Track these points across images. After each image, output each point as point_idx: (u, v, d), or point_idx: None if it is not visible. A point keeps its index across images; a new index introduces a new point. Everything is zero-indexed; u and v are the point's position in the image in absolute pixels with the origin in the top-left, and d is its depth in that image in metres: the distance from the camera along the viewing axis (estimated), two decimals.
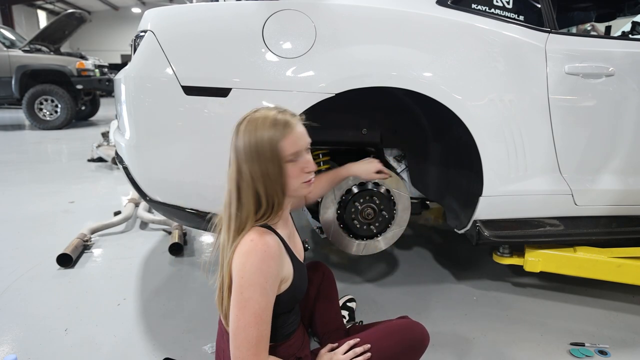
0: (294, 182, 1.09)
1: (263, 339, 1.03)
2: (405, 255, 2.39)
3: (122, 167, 1.78)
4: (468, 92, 1.54)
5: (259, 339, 1.02)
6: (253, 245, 1.03)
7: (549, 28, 1.65)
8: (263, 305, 1.02)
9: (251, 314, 1.01)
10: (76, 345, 1.56)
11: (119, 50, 22.90)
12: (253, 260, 1.02)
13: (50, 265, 2.19)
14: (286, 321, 1.20)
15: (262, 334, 1.03)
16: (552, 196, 1.70)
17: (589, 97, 1.65)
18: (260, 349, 1.02)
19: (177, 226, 2.54)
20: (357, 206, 1.71)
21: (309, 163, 1.11)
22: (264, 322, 1.03)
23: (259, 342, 1.02)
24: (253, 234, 1.05)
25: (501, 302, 1.90)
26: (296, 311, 1.28)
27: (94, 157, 4.77)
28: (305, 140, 1.11)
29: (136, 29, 1.65)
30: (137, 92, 1.52)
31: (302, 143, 1.09)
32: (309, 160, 1.11)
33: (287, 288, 1.13)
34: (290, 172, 1.08)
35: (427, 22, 1.55)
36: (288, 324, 1.21)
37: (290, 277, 1.13)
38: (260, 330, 1.02)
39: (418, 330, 1.24)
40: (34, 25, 20.18)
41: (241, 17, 1.50)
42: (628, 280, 1.73)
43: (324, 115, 1.66)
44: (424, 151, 1.87)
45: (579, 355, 1.53)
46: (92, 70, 7.45)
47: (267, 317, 1.04)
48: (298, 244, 1.30)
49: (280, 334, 1.19)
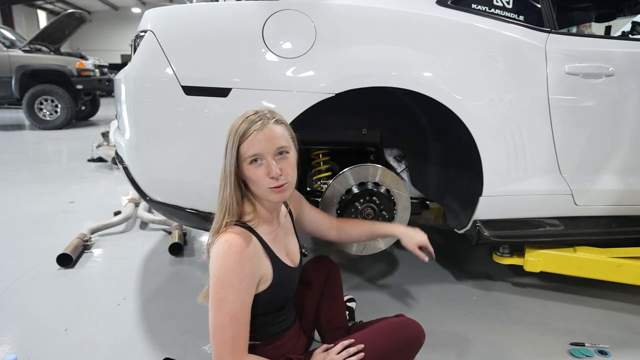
0: (259, 186, 1.09)
1: (240, 339, 1.03)
2: (405, 255, 2.39)
3: (122, 167, 1.78)
4: (468, 92, 1.54)
5: (235, 338, 1.02)
6: (227, 247, 1.04)
7: (549, 28, 1.65)
8: (237, 306, 1.03)
9: (226, 314, 1.01)
10: (76, 345, 1.56)
11: (119, 50, 22.91)
12: (227, 261, 1.03)
13: (50, 265, 2.18)
14: (274, 320, 1.21)
15: (238, 334, 1.03)
16: (552, 196, 1.70)
17: (589, 97, 1.65)
18: (237, 348, 1.02)
19: (177, 226, 2.54)
20: (357, 206, 1.71)
21: (272, 168, 1.07)
22: (240, 322, 1.03)
23: (235, 342, 1.02)
24: (228, 235, 1.06)
25: (501, 302, 1.90)
26: (287, 311, 1.28)
27: (94, 157, 4.77)
28: (274, 143, 1.08)
29: (136, 29, 1.65)
30: (137, 92, 1.52)
31: (265, 146, 1.07)
32: (272, 165, 1.08)
33: (266, 288, 1.13)
34: (251, 174, 1.08)
35: (427, 22, 1.55)
36: (277, 324, 1.21)
37: (270, 278, 1.13)
38: (235, 330, 1.02)
39: (414, 327, 1.25)
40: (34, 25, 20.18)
41: (241, 17, 1.50)
42: (628, 280, 1.73)
43: (324, 116, 1.67)
44: (424, 151, 1.87)
45: (579, 355, 1.53)
46: (92, 70, 7.45)
47: (242, 317, 1.04)
48: (292, 247, 1.29)
49: (267, 333, 1.20)
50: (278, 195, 1.11)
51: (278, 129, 1.10)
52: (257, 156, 1.07)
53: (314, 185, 1.98)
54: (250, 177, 1.09)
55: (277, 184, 1.09)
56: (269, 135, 1.08)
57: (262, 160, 1.08)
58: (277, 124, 1.11)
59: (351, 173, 1.70)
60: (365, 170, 1.70)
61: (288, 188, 1.12)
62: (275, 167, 1.08)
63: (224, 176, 1.11)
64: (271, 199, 1.12)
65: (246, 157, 1.07)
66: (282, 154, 1.11)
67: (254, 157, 1.07)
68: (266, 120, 1.09)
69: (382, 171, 1.71)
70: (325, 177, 1.94)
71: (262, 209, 1.17)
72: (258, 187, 1.10)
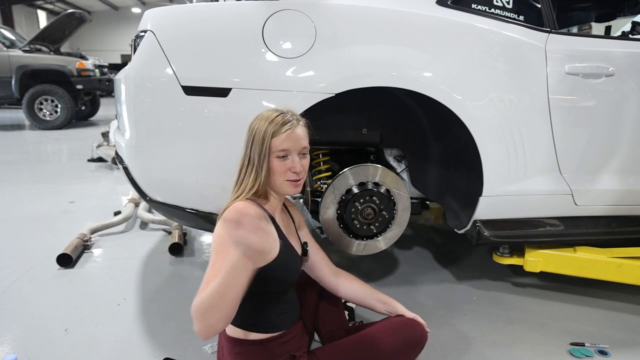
0: (278, 177, 1.19)
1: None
2: (405, 255, 2.39)
3: (122, 167, 1.78)
4: (468, 92, 1.54)
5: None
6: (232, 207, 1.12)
7: (549, 28, 1.65)
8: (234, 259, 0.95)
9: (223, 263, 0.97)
10: (76, 345, 1.56)
11: (119, 50, 22.91)
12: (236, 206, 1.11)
13: (50, 265, 2.19)
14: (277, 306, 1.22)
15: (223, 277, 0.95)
16: (552, 196, 1.70)
17: (589, 97, 1.65)
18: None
19: (177, 226, 2.54)
20: (357, 206, 1.71)
21: (296, 164, 1.19)
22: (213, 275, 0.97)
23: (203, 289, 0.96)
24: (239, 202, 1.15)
25: (501, 302, 1.90)
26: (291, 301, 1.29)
27: (94, 157, 4.77)
28: (300, 144, 1.20)
29: (136, 29, 1.65)
30: (137, 92, 1.52)
31: (294, 144, 1.18)
32: (297, 162, 1.19)
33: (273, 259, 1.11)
34: (275, 166, 1.18)
35: (427, 22, 1.55)
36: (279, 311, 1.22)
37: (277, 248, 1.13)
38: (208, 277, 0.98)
39: (418, 328, 1.26)
40: (34, 25, 20.19)
41: (241, 17, 1.50)
42: (628, 280, 1.73)
43: (324, 115, 1.67)
44: (424, 151, 1.87)
45: (579, 355, 1.53)
46: (92, 70, 7.45)
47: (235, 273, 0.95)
48: (295, 242, 1.32)
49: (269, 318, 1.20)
50: (293, 189, 1.21)
51: (306, 131, 1.24)
52: (286, 152, 1.18)
53: (314, 185, 1.98)
54: (275, 168, 1.18)
55: (297, 177, 1.20)
56: (299, 135, 1.20)
57: (289, 156, 1.19)
58: (305, 127, 1.24)
59: (351, 173, 1.70)
60: (365, 170, 1.70)
61: (302, 183, 1.24)
62: (299, 164, 1.20)
63: (247, 164, 1.20)
64: (287, 191, 1.22)
65: (276, 150, 1.17)
66: (304, 154, 1.23)
67: (283, 153, 1.18)
68: (297, 122, 1.21)
69: (382, 171, 1.71)
70: (325, 177, 1.94)
71: (272, 199, 1.25)
72: (278, 178, 1.19)
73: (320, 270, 1.43)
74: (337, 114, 1.71)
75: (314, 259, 1.42)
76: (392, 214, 1.75)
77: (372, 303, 1.41)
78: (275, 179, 1.20)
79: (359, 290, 1.43)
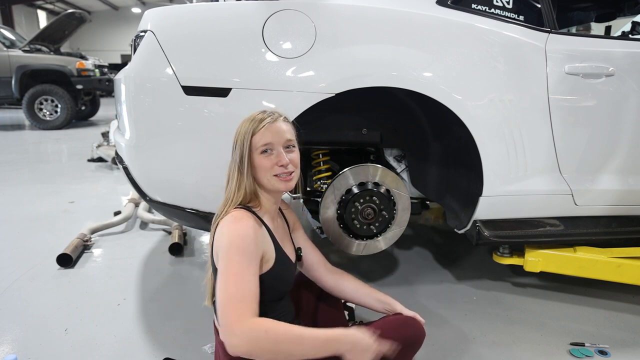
0: (265, 173, 1.17)
1: (246, 300, 1.00)
2: (405, 255, 2.39)
3: (122, 167, 1.78)
4: (468, 92, 1.54)
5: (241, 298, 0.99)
6: (233, 218, 1.11)
7: (549, 28, 1.65)
8: (244, 267, 1.02)
9: (232, 274, 1.02)
10: (76, 345, 1.56)
11: (119, 50, 22.90)
12: (233, 227, 1.09)
13: (50, 265, 2.19)
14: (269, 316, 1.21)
15: (243, 295, 1.00)
16: (552, 196, 1.70)
17: (589, 97, 1.65)
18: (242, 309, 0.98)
19: (177, 226, 2.54)
20: (357, 206, 1.71)
21: (282, 156, 1.17)
22: (245, 282, 1.01)
23: (240, 302, 0.99)
24: (234, 211, 1.14)
25: (501, 302, 1.90)
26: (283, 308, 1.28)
27: (94, 157, 4.77)
28: (283, 136, 1.18)
29: (136, 29, 1.65)
30: (137, 92, 1.52)
31: (275, 136, 1.17)
32: (282, 154, 1.17)
33: (268, 270, 1.14)
34: (261, 163, 1.16)
35: (427, 22, 1.55)
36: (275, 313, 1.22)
37: (272, 258, 1.16)
38: (240, 289, 1.00)
39: (416, 326, 1.26)
40: (34, 25, 20.18)
41: (241, 17, 1.50)
42: (628, 280, 1.73)
43: (324, 115, 1.67)
44: (424, 151, 1.87)
45: (579, 355, 1.53)
46: (92, 70, 7.45)
47: (248, 279, 1.02)
48: (289, 247, 1.31)
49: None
50: (284, 184, 1.18)
51: (287, 125, 1.21)
52: (269, 146, 1.16)
53: (314, 185, 1.98)
54: (261, 165, 1.16)
55: (286, 171, 1.17)
56: (281, 128, 1.18)
57: (273, 151, 1.17)
58: (285, 122, 1.22)
59: (351, 173, 1.70)
60: (365, 170, 1.70)
61: (294, 178, 1.21)
62: (285, 156, 1.17)
63: (233, 168, 1.19)
64: (277, 187, 1.18)
65: (258, 146, 1.16)
66: (290, 147, 1.20)
67: (265, 147, 1.16)
68: (276, 116, 1.20)
69: (382, 171, 1.71)
70: (325, 177, 1.94)
71: (266, 201, 1.22)
72: (265, 175, 1.17)
73: (316, 271, 1.42)
74: (337, 114, 1.71)
75: (309, 261, 1.41)
76: (392, 214, 1.75)
77: (370, 302, 1.40)
78: (262, 176, 1.18)
79: (356, 289, 1.42)
